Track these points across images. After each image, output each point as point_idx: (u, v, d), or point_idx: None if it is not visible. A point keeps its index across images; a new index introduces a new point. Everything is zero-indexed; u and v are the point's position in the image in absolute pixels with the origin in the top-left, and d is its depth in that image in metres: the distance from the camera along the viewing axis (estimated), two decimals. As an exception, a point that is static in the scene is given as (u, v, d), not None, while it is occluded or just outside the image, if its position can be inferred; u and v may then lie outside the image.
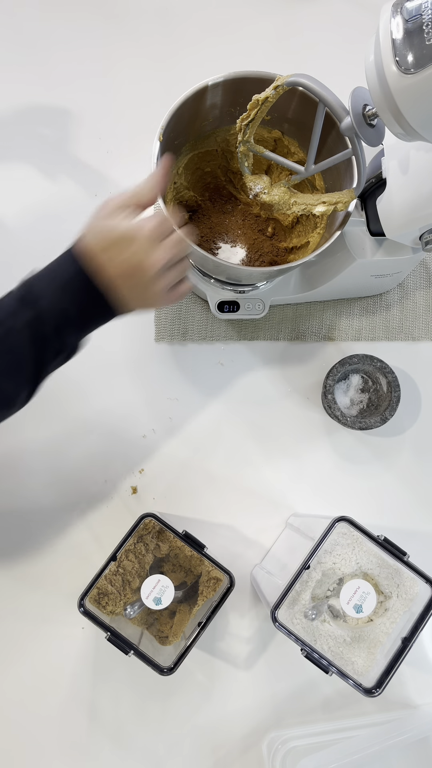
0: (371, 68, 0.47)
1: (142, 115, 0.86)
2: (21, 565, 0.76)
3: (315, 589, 0.66)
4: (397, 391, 0.77)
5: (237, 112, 0.69)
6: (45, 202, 0.83)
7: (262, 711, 0.75)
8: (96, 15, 0.88)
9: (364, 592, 0.61)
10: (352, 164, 0.62)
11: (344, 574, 0.66)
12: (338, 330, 0.84)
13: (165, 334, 0.82)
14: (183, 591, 0.69)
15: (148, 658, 0.63)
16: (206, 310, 0.83)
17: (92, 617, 0.64)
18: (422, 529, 0.80)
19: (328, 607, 0.67)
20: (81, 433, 0.79)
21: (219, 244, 0.81)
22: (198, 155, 0.75)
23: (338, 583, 0.67)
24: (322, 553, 0.66)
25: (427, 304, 0.85)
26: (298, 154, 0.72)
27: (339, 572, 0.66)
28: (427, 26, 0.43)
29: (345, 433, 0.82)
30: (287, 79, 0.55)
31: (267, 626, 0.76)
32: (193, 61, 0.88)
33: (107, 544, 0.76)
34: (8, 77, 0.86)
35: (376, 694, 0.60)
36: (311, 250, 0.73)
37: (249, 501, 0.79)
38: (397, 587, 0.65)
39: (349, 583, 0.61)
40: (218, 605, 0.65)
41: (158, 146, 0.63)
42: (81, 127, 0.85)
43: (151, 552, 0.69)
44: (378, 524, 0.79)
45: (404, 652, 0.61)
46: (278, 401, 0.82)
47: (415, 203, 0.60)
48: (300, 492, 0.80)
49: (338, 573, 0.66)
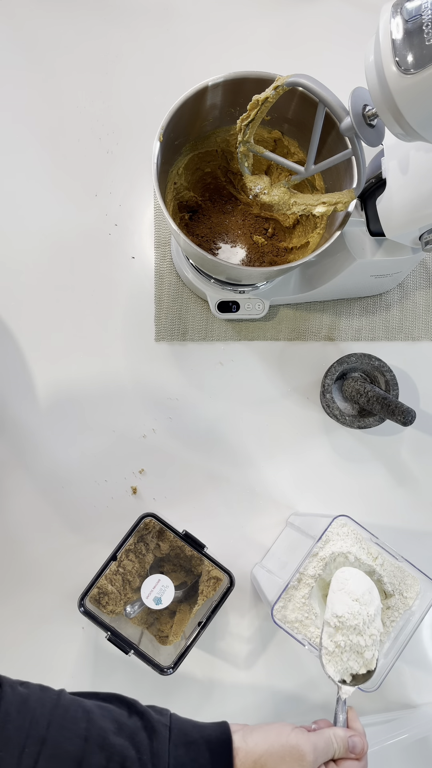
0: (371, 68, 0.47)
1: (142, 115, 0.86)
2: (21, 565, 0.76)
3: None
4: (396, 390, 0.77)
5: (237, 112, 0.69)
6: (45, 202, 0.83)
7: (262, 711, 0.75)
8: (96, 15, 0.88)
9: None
10: (352, 164, 0.62)
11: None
12: (338, 330, 0.84)
13: (165, 334, 0.82)
14: (183, 591, 0.69)
15: (149, 658, 0.63)
16: (206, 310, 0.83)
17: (92, 617, 0.64)
18: (421, 528, 0.80)
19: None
20: (81, 433, 0.79)
21: (219, 244, 0.81)
22: (198, 155, 0.75)
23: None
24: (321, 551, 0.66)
25: (427, 304, 0.86)
26: (298, 154, 0.72)
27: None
28: (427, 26, 0.43)
29: (344, 432, 0.82)
30: (287, 80, 0.55)
31: (267, 626, 0.76)
32: (193, 61, 0.88)
33: (107, 544, 0.76)
34: (8, 77, 0.86)
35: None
36: (311, 250, 0.73)
37: (249, 500, 0.79)
38: (399, 586, 0.65)
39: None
40: (218, 605, 0.65)
41: (158, 146, 0.63)
42: (81, 127, 0.85)
43: (151, 552, 0.69)
44: (376, 523, 0.80)
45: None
46: (278, 401, 0.82)
47: (415, 203, 0.60)
48: (300, 491, 0.80)
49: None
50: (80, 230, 0.83)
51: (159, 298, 0.82)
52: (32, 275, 0.81)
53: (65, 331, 0.81)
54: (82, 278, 0.82)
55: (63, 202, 0.83)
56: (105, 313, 0.82)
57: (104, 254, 0.83)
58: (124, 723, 0.47)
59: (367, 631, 0.57)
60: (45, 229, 0.83)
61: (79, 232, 0.83)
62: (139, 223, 0.84)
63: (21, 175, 0.84)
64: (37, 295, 0.81)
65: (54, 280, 0.82)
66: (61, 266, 0.82)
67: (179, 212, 0.78)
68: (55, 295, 0.81)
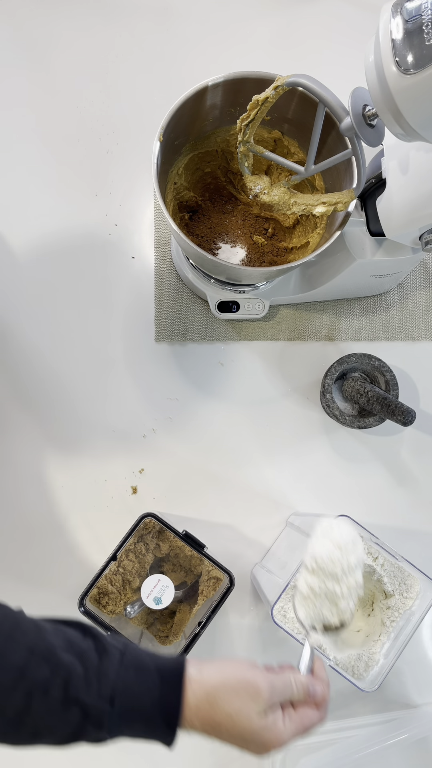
0: (371, 68, 0.47)
1: (142, 115, 0.86)
2: (21, 565, 0.76)
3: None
4: (396, 390, 0.77)
5: (237, 112, 0.69)
6: (45, 202, 0.83)
7: (262, 711, 0.75)
8: (96, 15, 0.88)
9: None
10: (352, 164, 0.62)
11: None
12: (338, 330, 0.84)
13: (165, 334, 0.82)
14: (183, 591, 0.69)
15: (149, 658, 0.63)
16: (206, 310, 0.83)
17: (92, 617, 0.64)
18: (421, 528, 0.80)
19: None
20: (81, 432, 0.79)
21: (219, 244, 0.81)
22: (198, 155, 0.75)
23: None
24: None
25: (427, 304, 0.86)
26: (298, 154, 0.72)
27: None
28: (427, 26, 0.43)
29: (344, 432, 0.82)
30: (287, 80, 0.55)
31: (267, 626, 0.76)
32: (193, 61, 0.88)
33: (107, 544, 0.76)
34: (8, 77, 0.86)
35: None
36: (311, 250, 0.73)
37: (249, 500, 0.79)
38: (399, 586, 0.65)
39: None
40: (218, 605, 0.65)
41: (158, 146, 0.63)
42: (81, 127, 0.85)
43: (151, 552, 0.69)
44: (376, 523, 0.79)
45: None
46: (278, 401, 0.82)
47: (415, 203, 0.60)
48: (300, 491, 0.80)
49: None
50: (80, 230, 0.83)
51: (159, 298, 0.82)
52: (32, 275, 0.81)
53: (65, 332, 0.81)
54: (82, 278, 0.82)
55: (63, 202, 0.83)
56: (105, 313, 0.82)
57: (104, 254, 0.83)
58: (75, 642, 0.47)
59: (345, 581, 0.54)
60: (45, 229, 0.83)
61: (79, 232, 0.83)
62: (139, 223, 0.84)
63: (21, 175, 0.84)
64: (36, 296, 0.81)
65: (54, 281, 0.82)
66: (61, 266, 0.82)
67: (179, 212, 0.78)
68: (55, 295, 0.81)
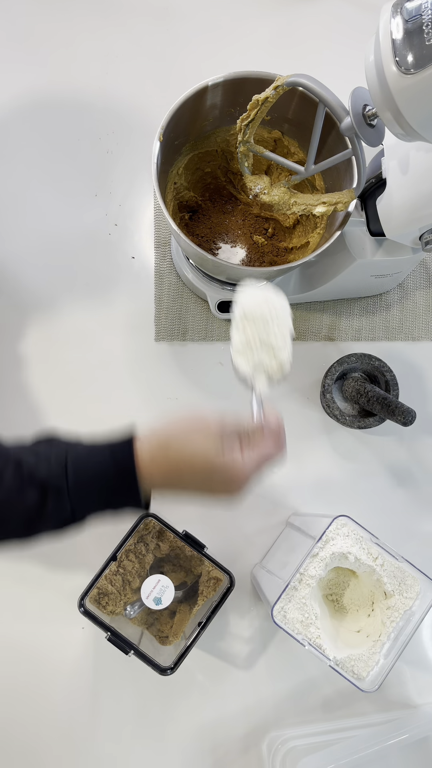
0: (371, 68, 0.47)
1: (142, 115, 0.86)
2: (21, 565, 0.76)
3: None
4: (396, 390, 0.77)
5: (237, 112, 0.69)
6: (45, 202, 0.83)
7: (262, 711, 0.75)
8: (96, 14, 0.88)
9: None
10: (352, 164, 0.62)
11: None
12: (338, 330, 0.84)
13: (165, 334, 0.82)
14: (183, 591, 0.69)
15: (148, 658, 0.63)
16: (206, 310, 0.83)
17: (92, 617, 0.64)
18: (420, 528, 0.80)
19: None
20: (81, 432, 0.79)
21: (219, 244, 0.81)
22: (198, 155, 0.75)
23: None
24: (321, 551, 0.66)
25: (427, 304, 0.86)
26: (298, 154, 0.72)
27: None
28: (427, 26, 0.43)
29: (344, 432, 0.82)
30: (287, 80, 0.55)
31: (267, 626, 0.76)
32: (193, 61, 0.88)
33: (107, 544, 0.76)
34: (7, 77, 0.86)
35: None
36: (311, 250, 0.73)
37: (249, 500, 0.79)
38: (399, 586, 0.65)
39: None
40: (218, 605, 0.65)
41: (158, 146, 0.63)
42: (81, 126, 0.85)
43: (151, 552, 0.69)
44: (377, 523, 0.79)
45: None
46: (278, 401, 0.82)
47: (415, 203, 0.60)
48: (300, 491, 0.80)
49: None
50: (80, 230, 0.83)
51: (159, 298, 0.82)
52: (32, 275, 0.81)
53: (64, 332, 0.81)
54: (82, 278, 0.82)
55: (63, 202, 0.83)
56: (105, 313, 0.82)
57: (104, 254, 0.83)
58: (26, 444, 0.48)
59: (277, 322, 0.53)
60: (45, 229, 0.83)
61: (79, 232, 0.83)
62: (139, 223, 0.84)
63: (21, 174, 0.84)
64: (36, 296, 0.81)
65: (54, 280, 0.81)
66: (60, 266, 0.82)
67: (179, 212, 0.78)
68: (55, 295, 0.81)
